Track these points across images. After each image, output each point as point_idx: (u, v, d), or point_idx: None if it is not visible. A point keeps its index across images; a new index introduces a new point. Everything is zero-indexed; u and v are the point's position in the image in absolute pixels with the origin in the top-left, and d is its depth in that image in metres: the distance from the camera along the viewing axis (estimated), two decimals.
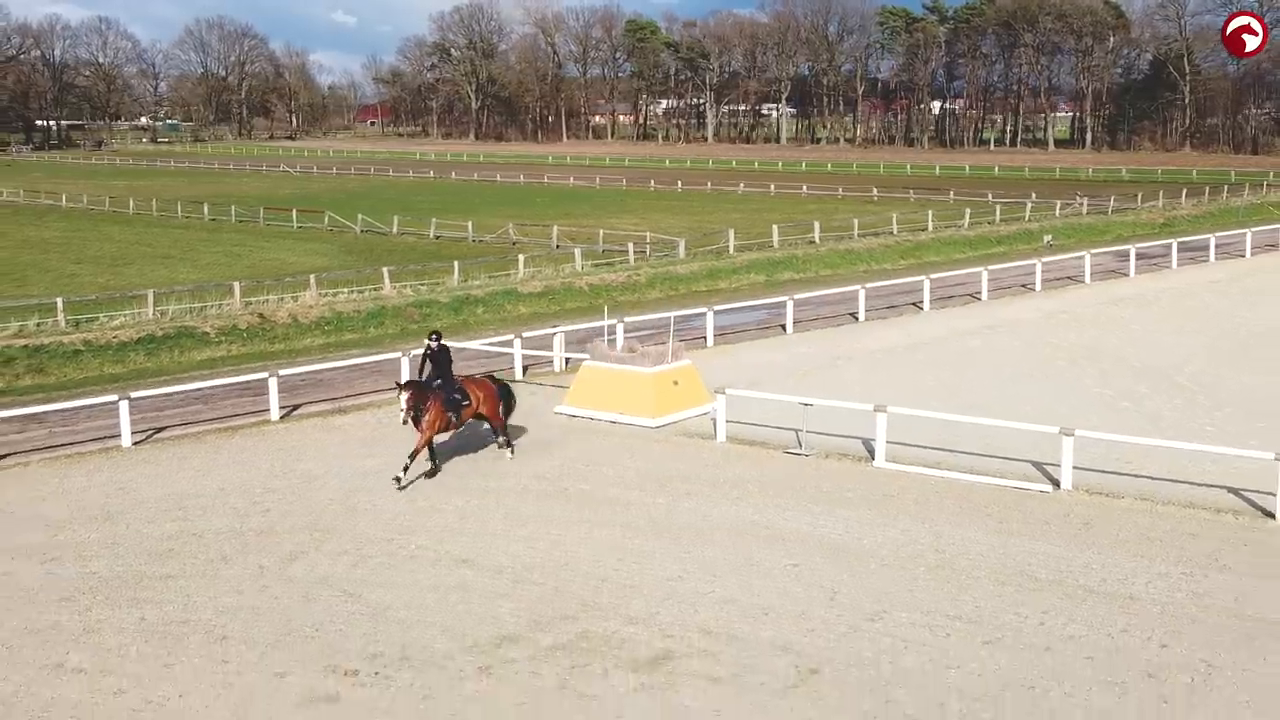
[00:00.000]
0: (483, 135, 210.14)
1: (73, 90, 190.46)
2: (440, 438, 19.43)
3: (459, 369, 20.45)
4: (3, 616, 13.78)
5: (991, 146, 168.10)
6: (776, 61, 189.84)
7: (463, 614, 13.66)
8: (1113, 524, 16.33)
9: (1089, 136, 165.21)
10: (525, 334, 27.71)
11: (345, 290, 40.91)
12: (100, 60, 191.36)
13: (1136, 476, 18.17)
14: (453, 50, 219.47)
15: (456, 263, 44.27)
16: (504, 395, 20.00)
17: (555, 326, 28.79)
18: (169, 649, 12.89)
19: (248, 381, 24.83)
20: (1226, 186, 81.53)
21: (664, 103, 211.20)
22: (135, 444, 21.56)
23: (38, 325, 35.06)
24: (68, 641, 13.11)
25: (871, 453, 19.65)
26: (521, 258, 46.27)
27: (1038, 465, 18.78)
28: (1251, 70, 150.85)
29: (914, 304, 35.85)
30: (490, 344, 27.38)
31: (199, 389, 24.46)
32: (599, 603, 13.94)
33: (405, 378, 22.97)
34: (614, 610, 13.70)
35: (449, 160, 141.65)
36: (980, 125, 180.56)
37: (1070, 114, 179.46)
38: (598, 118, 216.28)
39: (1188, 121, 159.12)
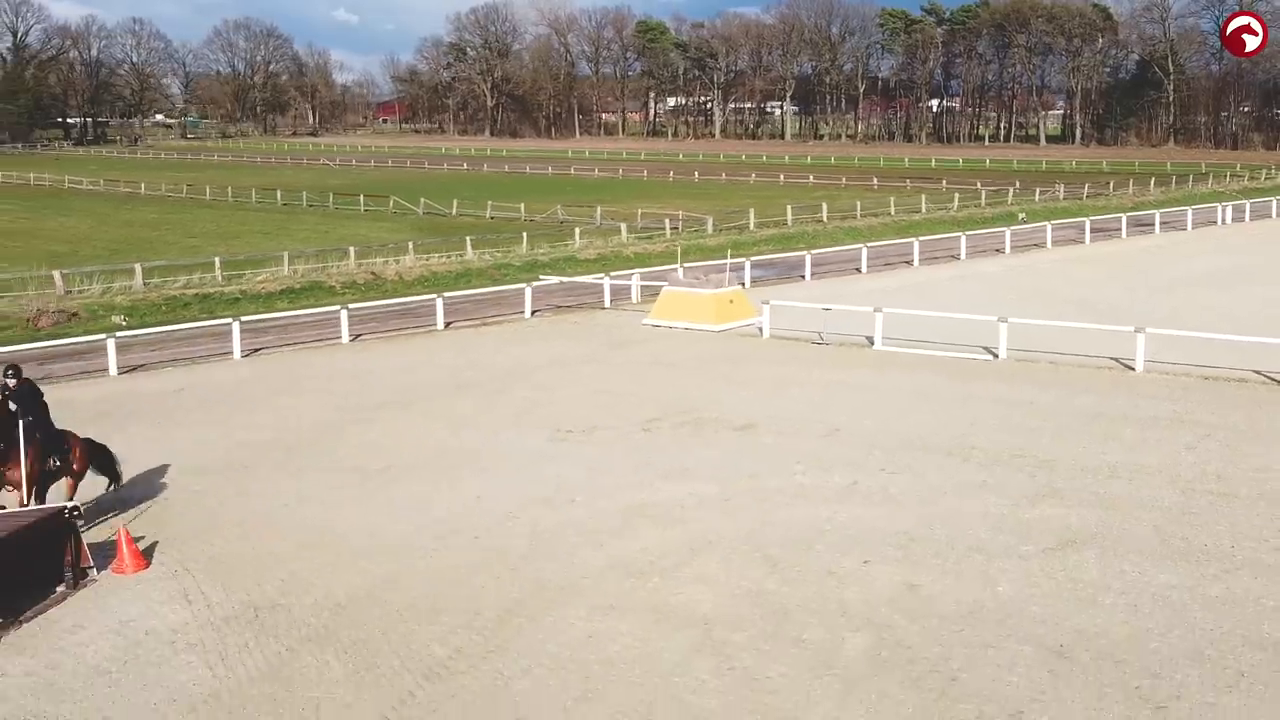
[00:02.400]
0: (497, 132, 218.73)
1: (108, 88, 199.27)
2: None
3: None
4: (403, 403, 22.67)
5: (986, 142, 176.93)
6: (781, 61, 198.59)
7: (620, 411, 22.52)
8: (1030, 374, 25.19)
9: (1078, 133, 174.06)
10: (611, 276, 36.63)
11: (436, 255, 49.86)
12: (134, 59, 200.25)
13: (1050, 351, 26.98)
14: (468, 50, 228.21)
15: (525, 234, 53.19)
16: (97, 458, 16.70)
17: (631, 272, 37.71)
18: (437, 423, 21.78)
19: (413, 302, 33.77)
20: (1192, 177, 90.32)
21: (672, 100, 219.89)
22: (350, 341, 30.47)
23: (200, 279, 43.96)
24: (417, 418, 22.02)
25: (872, 341, 28.54)
26: (577, 230, 55.18)
27: (986, 348, 27.60)
28: (1234, 70, 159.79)
29: (905, 261, 44.73)
30: (584, 279, 36.28)
31: (385, 305, 33.38)
32: (701, 407, 22.80)
33: (529, 309, 31.89)
34: (712, 410, 22.57)
35: (473, 155, 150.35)
36: (975, 122, 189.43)
37: (1062, 111, 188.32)
38: (608, 115, 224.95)
39: (1172, 119, 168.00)
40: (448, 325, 32.85)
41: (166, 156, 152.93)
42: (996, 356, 26.76)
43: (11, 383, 15.38)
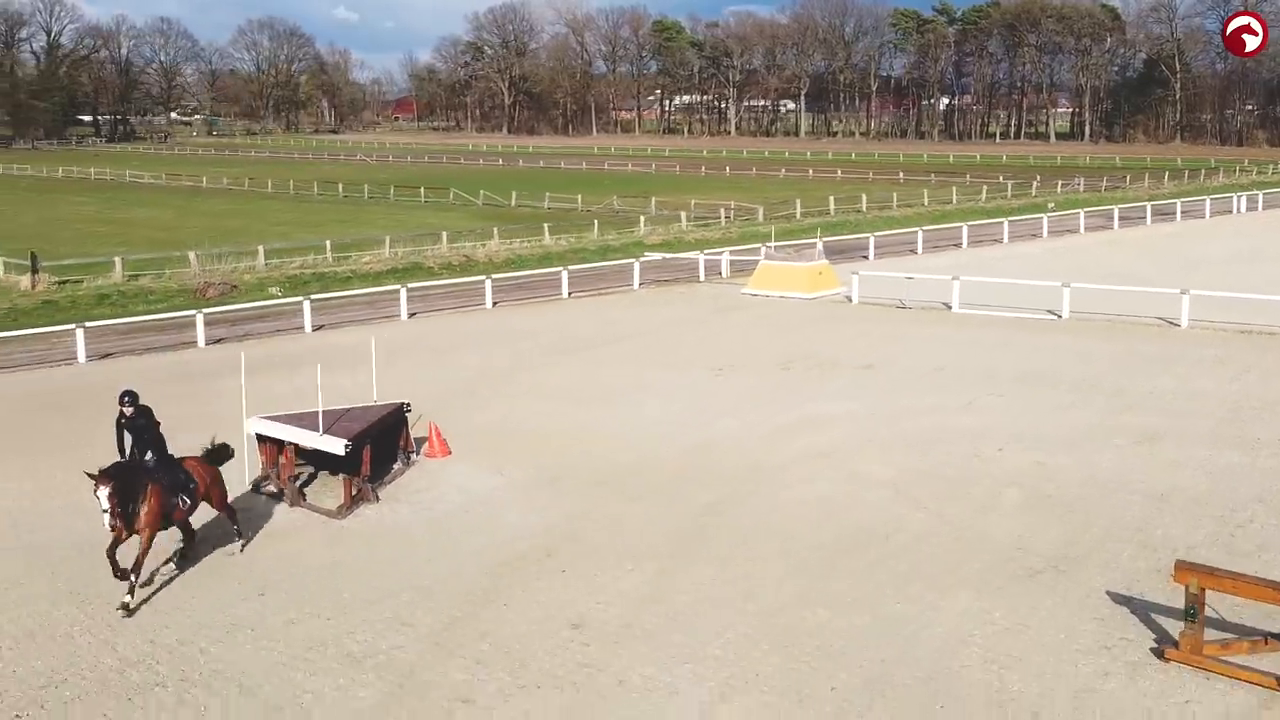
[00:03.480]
0: (514, 129, 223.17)
1: (137, 87, 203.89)
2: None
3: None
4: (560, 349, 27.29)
5: (997, 139, 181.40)
6: (795, 60, 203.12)
7: (755, 356, 27.07)
8: (1090, 330, 29.70)
9: (1087, 130, 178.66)
10: (705, 253, 41.25)
11: (517, 240, 54.45)
12: (162, 59, 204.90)
13: (1103, 314, 31.49)
14: (486, 49, 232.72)
15: (595, 221, 57.77)
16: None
17: (720, 250, 42.36)
18: (606, 365, 26.37)
19: (532, 275, 38.39)
20: (1204, 171, 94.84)
21: (684, 98, 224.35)
22: (491, 307, 35.07)
23: (313, 259, 48.51)
24: (578, 363, 26.62)
25: (949, 306, 33.12)
26: (642, 218, 59.77)
27: (1049, 310, 32.13)
28: (1238, 69, 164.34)
29: (954, 244, 49.30)
30: (684, 255, 40.90)
31: (514, 277, 38.01)
32: (823, 353, 27.36)
33: (636, 281, 36.50)
34: (832, 355, 27.13)
35: (500, 151, 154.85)
36: (986, 120, 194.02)
37: (1070, 109, 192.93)
38: (624, 113, 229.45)
39: (1178, 116, 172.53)
40: (569, 295, 37.39)
41: (202, 153, 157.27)
42: (1060, 316, 31.31)
43: (129, 410, 14.17)
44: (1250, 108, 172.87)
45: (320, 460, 17.69)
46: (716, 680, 11.53)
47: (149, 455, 14.18)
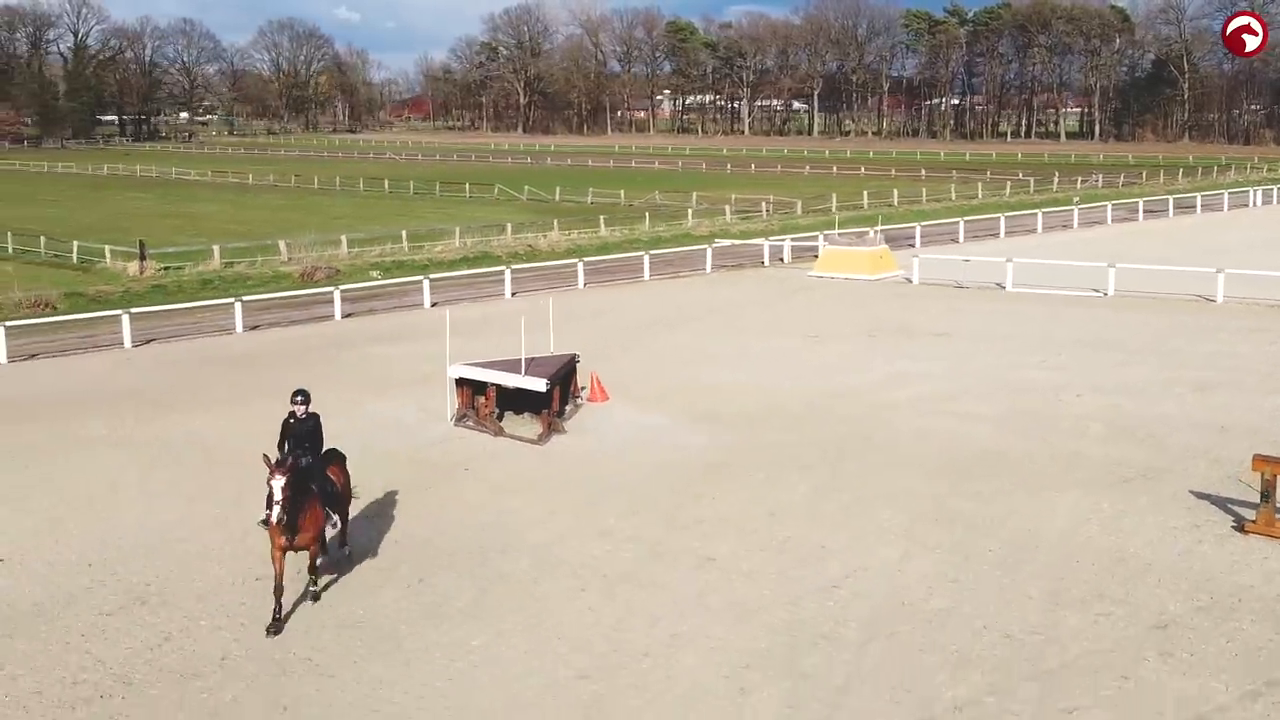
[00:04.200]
0: (529, 128, 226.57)
1: (160, 87, 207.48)
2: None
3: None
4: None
5: (1008, 139, 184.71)
6: (808, 60, 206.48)
7: (839, 326, 30.40)
8: (1135, 305, 33.03)
9: (1097, 129, 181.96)
10: (771, 239, 44.59)
11: (575, 231, 57.80)
12: (185, 59, 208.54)
13: (1143, 292, 34.79)
14: (501, 50, 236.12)
15: (646, 214, 61.13)
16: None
17: (782, 237, 45.74)
18: (710, 334, 29.72)
19: (607, 260, 41.75)
20: (1215, 168, 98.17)
21: (695, 98, 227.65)
22: (583, 287, 38.41)
23: (390, 248, 51.86)
24: (684, 329, 29.96)
25: (1003, 285, 36.45)
26: (690, 210, 63.13)
27: (1094, 289, 35.45)
28: (1245, 69, 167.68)
29: (991, 234, 52.64)
30: (749, 242, 44.26)
31: (597, 260, 41.33)
32: (900, 323, 30.68)
33: (709, 264, 39.80)
34: (909, 324, 30.46)
35: (521, 150, 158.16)
36: (996, 119, 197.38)
37: (1079, 109, 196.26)
38: (638, 112, 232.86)
39: (1186, 115, 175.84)
40: (655, 276, 40.71)
41: (232, 152, 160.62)
42: (1105, 294, 34.65)
43: (300, 410, 13.50)
44: (1257, 107, 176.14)
45: (511, 401, 21.01)
46: (899, 546, 14.87)
47: (305, 461, 13.18)
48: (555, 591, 13.70)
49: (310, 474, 13.17)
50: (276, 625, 12.74)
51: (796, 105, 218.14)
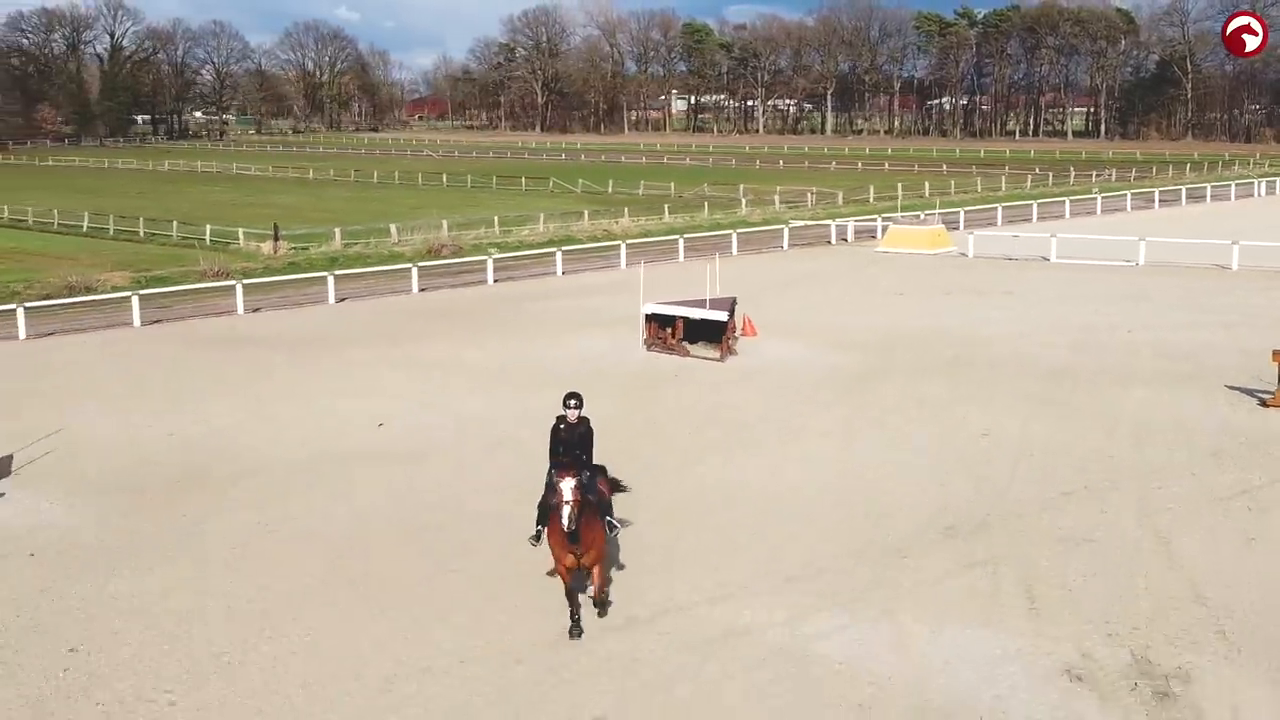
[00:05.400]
0: (547, 127, 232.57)
1: (192, 87, 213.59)
2: None
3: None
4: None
5: (1016, 137, 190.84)
6: (822, 61, 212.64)
7: (917, 288, 36.32)
8: (1163, 272, 38.98)
9: (1103, 128, 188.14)
10: (836, 221, 50.61)
11: (642, 218, 63.80)
12: (214, 60, 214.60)
13: (1169, 263, 40.72)
14: (519, 50, 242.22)
15: (706, 204, 67.18)
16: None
17: (847, 219, 51.78)
18: (814, 293, 35.69)
19: (705, 238, 47.77)
20: (1220, 164, 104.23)
21: (708, 97, 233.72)
22: (683, 259, 44.38)
23: (484, 231, 57.83)
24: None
25: (1047, 258, 42.45)
26: (744, 200, 69.17)
27: (1125, 260, 41.40)
28: (1247, 70, 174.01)
29: (1025, 219, 58.69)
30: (807, 224, 50.27)
31: (687, 238, 47.31)
32: (968, 285, 36.63)
33: (786, 242, 45.79)
34: (977, 286, 36.43)
35: (548, 147, 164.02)
36: (1004, 118, 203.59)
37: (1084, 109, 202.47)
38: (653, 112, 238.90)
39: (1190, 115, 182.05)
40: (737, 253, 46.66)
41: (270, 150, 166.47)
42: (1137, 264, 40.65)
43: (573, 416, 12.83)
44: (1258, 107, 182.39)
45: (690, 332, 26.96)
46: (1019, 416, 20.85)
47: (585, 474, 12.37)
48: (808, 444, 19.64)
49: (590, 487, 12.36)
50: (577, 628, 12.36)
51: (822, 104, 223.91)
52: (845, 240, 50.42)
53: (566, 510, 11.67)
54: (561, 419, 12.90)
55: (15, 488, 17.31)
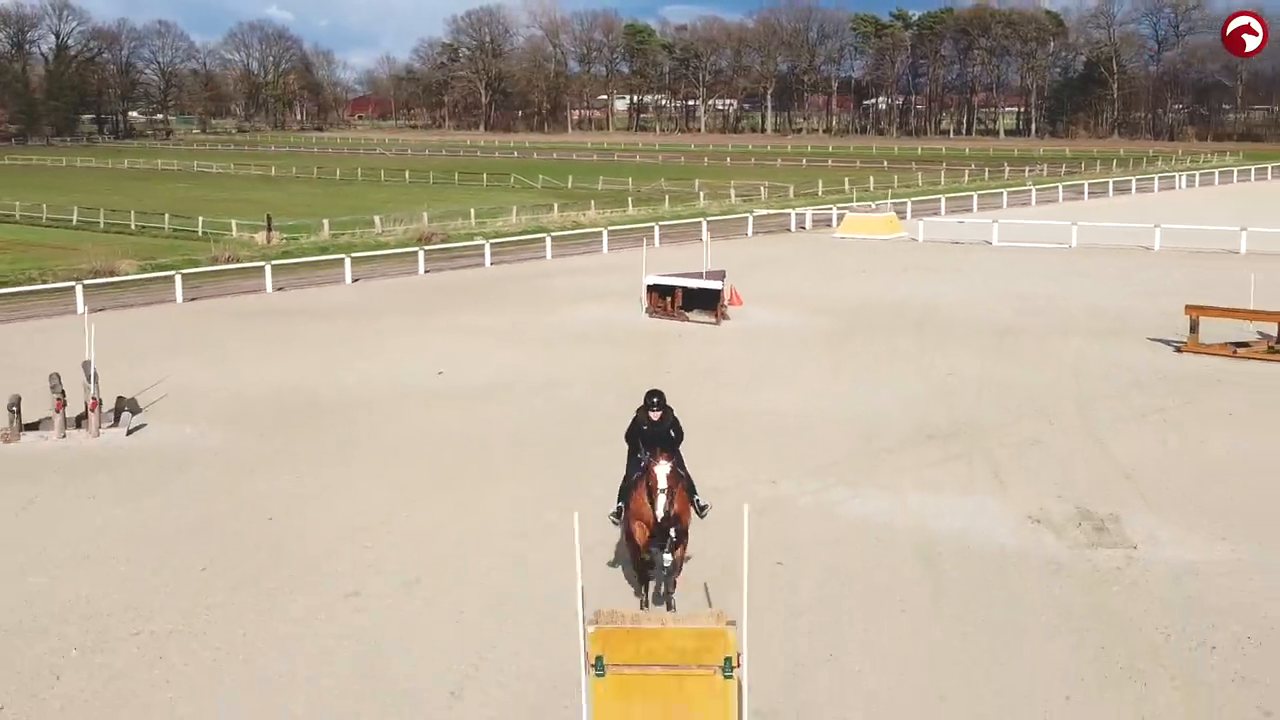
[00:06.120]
0: (491, 126, 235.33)
1: (136, 87, 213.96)
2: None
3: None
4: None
5: (950, 135, 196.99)
6: (761, 61, 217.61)
7: (876, 267, 40.44)
8: (1090, 252, 43.45)
9: (1033, 126, 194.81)
10: (796, 209, 54.72)
11: (607, 210, 67.56)
12: (159, 60, 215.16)
13: (1099, 245, 45.13)
14: (463, 50, 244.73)
15: (666, 197, 71.07)
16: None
17: (804, 208, 55.90)
18: (781, 273, 39.70)
19: (678, 225, 51.62)
20: (1145, 160, 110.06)
21: (656, 97, 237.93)
22: (659, 244, 48.18)
23: (460, 223, 61.27)
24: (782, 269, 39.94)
25: (990, 242, 46.81)
26: (702, 194, 73.20)
27: (1059, 243, 45.79)
28: (1169, 70, 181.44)
29: (966, 210, 63.24)
30: (767, 213, 54.33)
31: (665, 225, 51.12)
32: (922, 265, 40.82)
33: (750, 230, 49.87)
34: (929, 266, 40.62)
35: (498, 145, 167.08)
36: (939, 117, 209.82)
37: (1016, 108, 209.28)
38: (597, 112, 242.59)
39: (1116, 114, 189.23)
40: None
41: (221, 149, 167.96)
42: (1070, 246, 45.12)
43: (656, 415, 12.63)
44: (1180, 106, 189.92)
45: (688, 300, 30.79)
46: (979, 362, 24.92)
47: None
48: (805, 381, 23.55)
49: (680, 465, 12.28)
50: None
51: (746, 105, 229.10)
52: (804, 228, 54.54)
53: (662, 500, 11.44)
54: (645, 419, 12.60)
55: (152, 420, 20.71)
